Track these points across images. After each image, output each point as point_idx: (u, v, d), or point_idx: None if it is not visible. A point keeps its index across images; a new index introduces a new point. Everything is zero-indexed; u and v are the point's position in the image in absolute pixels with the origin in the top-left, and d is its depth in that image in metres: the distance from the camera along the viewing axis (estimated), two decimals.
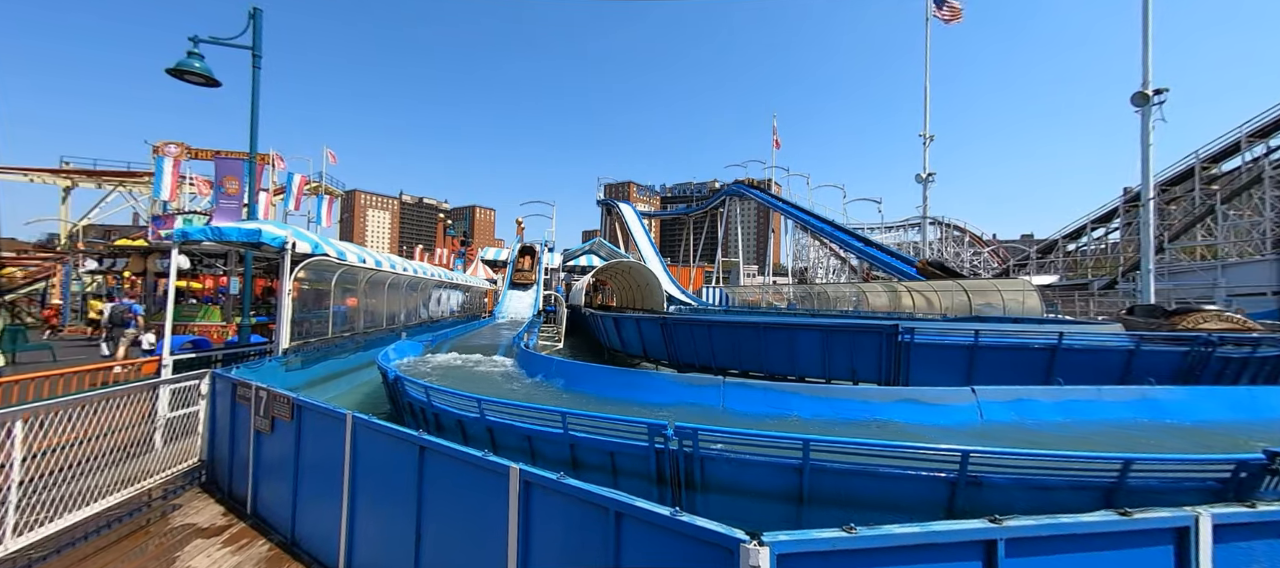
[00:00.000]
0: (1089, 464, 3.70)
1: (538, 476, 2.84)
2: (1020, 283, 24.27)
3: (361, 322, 12.31)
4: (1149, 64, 20.08)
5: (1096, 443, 5.73)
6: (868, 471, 3.94)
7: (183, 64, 10.56)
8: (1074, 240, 39.99)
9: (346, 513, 4.09)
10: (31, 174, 35.14)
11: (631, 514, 2.47)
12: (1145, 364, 7.95)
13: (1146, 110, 20.04)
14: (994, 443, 5.64)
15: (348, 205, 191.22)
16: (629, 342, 15.69)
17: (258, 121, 11.77)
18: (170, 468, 6.04)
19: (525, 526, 2.93)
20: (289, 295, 7.88)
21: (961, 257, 47.16)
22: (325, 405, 4.48)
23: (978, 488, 3.81)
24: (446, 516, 3.47)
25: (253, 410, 5.29)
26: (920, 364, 8.99)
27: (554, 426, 4.87)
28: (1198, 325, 11.35)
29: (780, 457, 4.10)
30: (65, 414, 4.82)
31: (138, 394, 5.73)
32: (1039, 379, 8.11)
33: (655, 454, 4.40)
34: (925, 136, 36.57)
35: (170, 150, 30.01)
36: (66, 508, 4.67)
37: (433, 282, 18.14)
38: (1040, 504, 3.82)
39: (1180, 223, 31.41)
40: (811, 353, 10.28)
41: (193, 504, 5.51)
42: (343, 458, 4.15)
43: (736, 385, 6.96)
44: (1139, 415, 6.32)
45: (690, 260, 68.06)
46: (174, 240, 7.88)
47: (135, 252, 23.55)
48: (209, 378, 6.29)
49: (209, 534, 4.84)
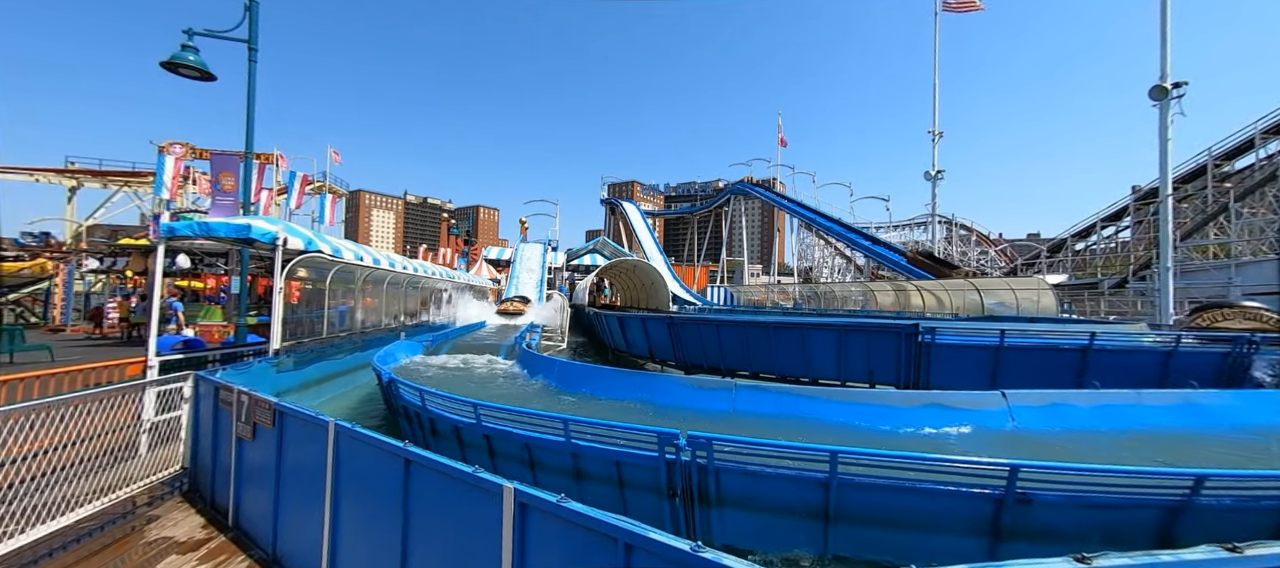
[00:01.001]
0: (1154, 481, 3.30)
1: (535, 497, 2.47)
2: (1034, 281, 23.74)
3: (359, 321, 11.99)
4: (1167, 57, 19.55)
5: (1141, 452, 5.32)
6: (903, 486, 3.56)
7: (177, 57, 10.24)
8: (1083, 239, 39.30)
9: (329, 530, 3.74)
10: (37, 174, 35.12)
11: (644, 547, 2.09)
12: (1184, 366, 7.51)
13: (1165, 105, 19.50)
14: (1029, 451, 5.26)
15: (352, 205, 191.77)
16: (634, 342, 15.32)
17: (253, 116, 11.46)
18: (152, 475, 5.72)
19: (521, 553, 2.56)
20: (280, 293, 7.56)
21: (968, 256, 46.55)
22: (307, 412, 4.13)
23: (1027, 506, 3.42)
24: (435, 537, 3.11)
25: (234, 416, 4.96)
26: (942, 366, 8.57)
27: (555, 433, 4.51)
28: (1215, 323, 10.74)
29: (804, 470, 3.73)
30: (45, 417, 4.51)
31: (121, 397, 5.42)
32: (1069, 382, 7.69)
33: (666, 466, 4.03)
34: (934, 133, 36.04)
35: (175, 150, 29.88)
36: (34, 521, 4.36)
37: (434, 280, 17.82)
38: (1096, 524, 3.43)
39: (1192, 221, 30.75)
40: (826, 354, 9.87)
41: (172, 515, 5.18)
42: (325, 468, 3.80)
43: (749, 388, 6.59)
44: (1182, 421, 5.90)
45: (694, 260, 67.62)
46: (161, 237, 7.56)
47: (137, 250, 23.41)
48: (192, 381, 5.97)
49: (185, 549, 4.51)
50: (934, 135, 36.05)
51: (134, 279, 24.26)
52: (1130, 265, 32.12)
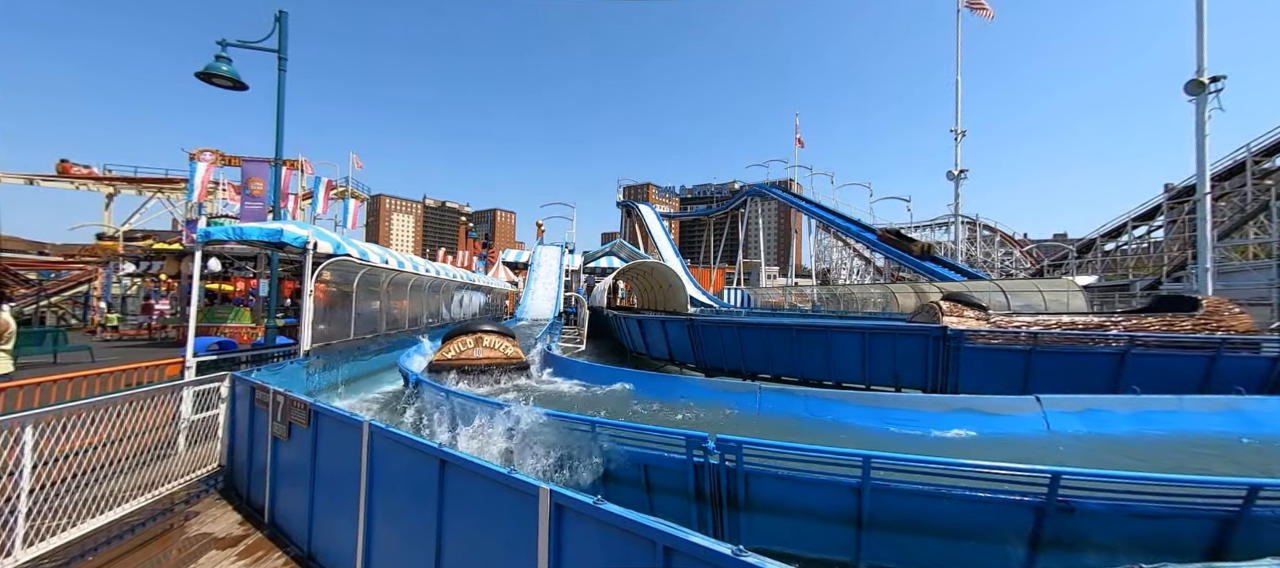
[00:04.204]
0: (1205, 490, 3.19)
1: (571, 498, 2.49)
2: (1063, 282, 23.08)
3: (384, 323, 12.21)
4: (1204, 51, 18.89)
5: (1184, 461, 5.13)
6: (938, 492, 3.49)
7: (211, 68, 10.59)
8: (1113, 239, 38.07)
9: (363, 529, 3.81)
10: (78, 182, 36.62)
11: (684, 551, 2.09)
12: (1229, 370, 7.22)
13: (1202, 99, 18.85)
14: (1066, 459, 5.11)
15: (373, 209, 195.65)
16: (654, 344, 15.31)
17: (283, 124, 11.77)
18: (191, 473, 5.90)
19: (557, 554, 2.58)
20: (310, 296, 7.74)
21: (992, 257, 45.48)
22: (342, 412, 4.22)
23: (1069, 514, 3.33)
24: (469, 538, 3.14)
25: (270, 416, 5.09)
26: (971, 369, 8.38)
27: (582, 434, 4.53)
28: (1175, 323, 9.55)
29: (836, 475, 3.68)
30: (88, 417, 4.68)
31: (161, 397, 5.60)
32: (1105, 388, 7.45)
33: (694, 469, 4.02)
34: (956, 131, 35.37)
35: (205, 157, 30.86)
36: (83, 515, 4.53)
37: (454, 283, 18.07)
38: (1143, 535, 3.32)
39: (1230, 220, 29.59)
40: (850, 356, 9.73)
41: (211, 512, 5.33)
42: (360, 469, 3.87)
43: (773, 392, 6.53)
44: (1227, 429, 5.68)
45: (711, 262, 67.32)
46: (198, 241, 7.80)
47: (170, 255, 24.16)
48: (228, 381, 6.14)
49: (224, 545, 4.64)
50: (956, 134, 35.38)
51: (168, 282, 25.08)
52: (1164, 266, 31.05)
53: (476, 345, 8.89)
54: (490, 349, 8.90)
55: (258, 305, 20.05)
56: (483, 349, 8.86)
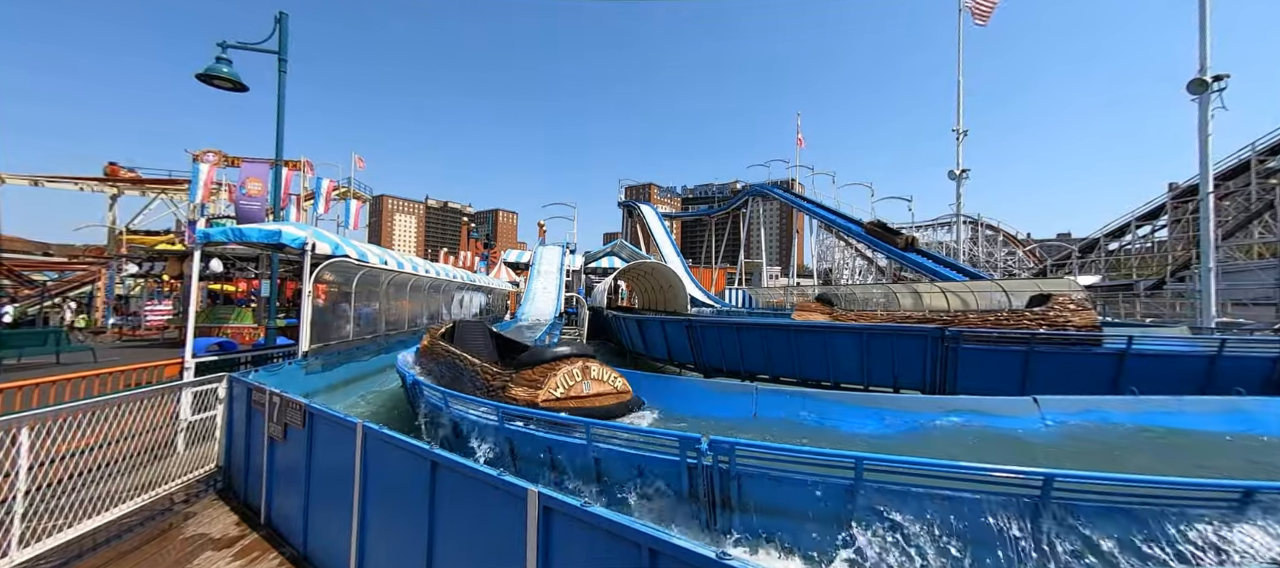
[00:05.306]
0: (1201, 492, 3.17)
1: (559, 502, 2.49)
2: (1065, 282, 22.92)
3: (383, 324, 12.23)
4: (1207, 49, 18.78)
5: (1183, 463, 5.10)
6: (929, 494, 3.47)
7: (212, 69, 10.63)
8: (1116, 239, 37.90)
9: (356, 529, 3.82)
10: (81, 183, 36.79)
11: (669, 553, 2.09)
12: (1230, 371, 7.18)
13: (1204, 98, 18.74)
14: (1064, 460, 5.09)
15: (375, 210, 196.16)
16: (653, 345, 15.31)
17: (283, 125, 11.80)
18: (189, 473, 5.92)
19: (545, 555, 2.58)
20: (309, 297, 7.76)
21: (995, 257, 45.35)
22: (337, 414, 4.23)
23: (1063, 517, 3.31)
24: (460, 538, 3.15)
25: (266, 417, 5.11)
26: (969, 370, 8.36)
27: (576, 436, 4.53)
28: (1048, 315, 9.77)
29: (828, 476, 3.67)
30: (86, 417, 4.70)
31: (160, 398, 5.62)
32: (1104, 388, 7.41)
33: (687, 470, 4.01)
34: (958, 131, 35.23)
35: (208, 158, 30.97)
36: (80, 515, 4.55)
37: (455, 283, 18.09)
38: (1140, 537, 3.30)
39: (1235, 219, 29.42)
40: (849, 357, 9.71)
41: (208, 513, 5.35)
42: (354, 470, 3.88)
43: (770, 392, 6.51)
44: (1228, 430, 5.64)
45: (712, 262, 67.23)
46: (197, 242, 7.83)
47: (173, 255, 24.27)
48: (226, 382, 6.16)
49: (220, 545, 4.65)
50: (958, 133, 35.24)
51: (170, 283, 25.21)
52: (1168, 266, 30.88)
53: (585, 378, 6.05)
54: (600, 382, 6.16)
55: (259, 306, 20.12)
56: (592, 382, 6.10)
